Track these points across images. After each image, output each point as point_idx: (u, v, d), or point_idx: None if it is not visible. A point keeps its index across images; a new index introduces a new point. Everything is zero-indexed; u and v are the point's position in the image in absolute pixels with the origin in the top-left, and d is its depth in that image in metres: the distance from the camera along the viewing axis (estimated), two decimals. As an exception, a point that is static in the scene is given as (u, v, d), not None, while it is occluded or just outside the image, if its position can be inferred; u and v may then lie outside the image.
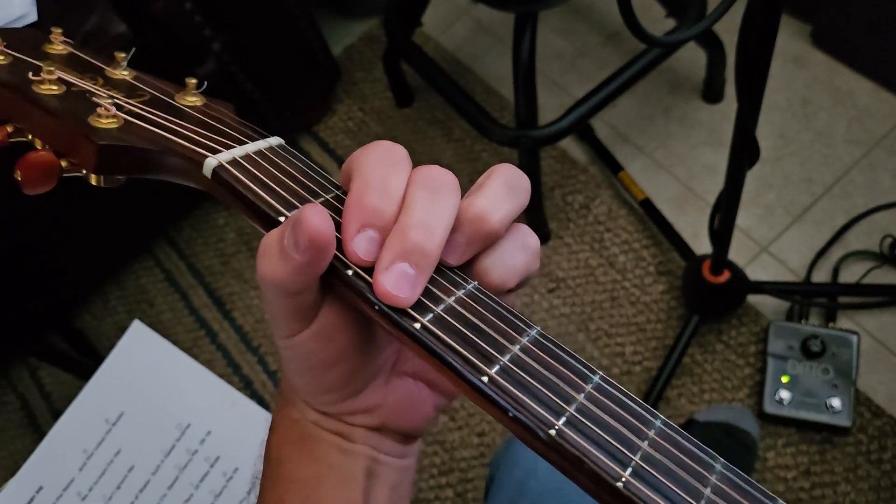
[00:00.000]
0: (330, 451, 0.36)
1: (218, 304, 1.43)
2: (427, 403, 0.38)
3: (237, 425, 0.69)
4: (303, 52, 1.39)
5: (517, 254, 0.33)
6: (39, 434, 1.39)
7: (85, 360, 1.40)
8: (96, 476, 0.67)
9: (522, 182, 0.33)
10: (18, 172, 0.35)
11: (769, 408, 1.10)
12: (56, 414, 1.39)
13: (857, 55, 1.36)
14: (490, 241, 0.32)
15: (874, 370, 1.14)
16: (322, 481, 0.36)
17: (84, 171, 0.36)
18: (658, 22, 1.29)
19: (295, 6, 1.31)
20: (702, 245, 1.25)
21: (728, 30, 1.05)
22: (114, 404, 0.69)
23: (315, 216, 0.28)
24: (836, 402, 1.08)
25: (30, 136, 0.38)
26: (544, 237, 1.34)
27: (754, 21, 0.66)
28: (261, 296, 1.40)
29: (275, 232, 0.30)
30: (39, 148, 0.37)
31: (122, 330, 0.72)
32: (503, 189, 0.32)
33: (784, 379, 1.11)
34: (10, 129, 0.38)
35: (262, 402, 1.32)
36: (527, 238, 0.33)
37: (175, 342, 0.71)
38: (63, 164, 0.36)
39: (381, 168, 0.31)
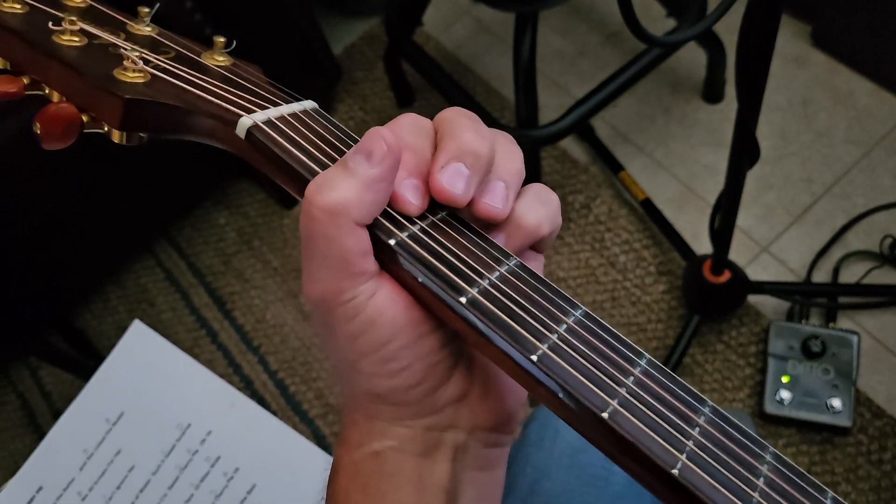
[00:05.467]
0: (406, 488, 0.32)
1: (218, 304, 1.43)
2: (513, 384, 0.35)
3: (238, 425, 0.69)
4: (303, 51, 1.39)
5: (542, 202, 0.34)
6: (39, 434, 1.39)
7: (85, 359, 1.40)
8: (96, 476, 0.67)
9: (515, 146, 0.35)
10: (38, 125, 0.33)
11: (770, 408, 1.10)
12: (56, 414, 1.39)
13: (857, 55, 1.36)
14: (521, 180, 0.33)
15: (874, 370, 1.14)
16: None
17: (106, 128, 0.34)
18: (658, 22, 1.29)
19: (295, 5, 1.30)
20: (702, 245, 1.25)
21: (728, 30, 1.04)
22: (114, 404, 0.69)
23: (385, 130, 0.29)
24: (836, 403, 1.08)
25: (47, 90, 0.36)
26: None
27: (754, 21, 0.66)
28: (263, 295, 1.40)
29: (328, 169, 0.29)
30: (57, 101, 0.35)
31: (122, 329, 0.72)
32: (506, 142, 0.34)
33: (784, 379, 1.11)
34: (26, 80, 0.35)
35: (262, 402, 1.32)
36: (546, 193, 0.34)
37: (175, 342, 0.71)
38: (84, 118, 0.34)
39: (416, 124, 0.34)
